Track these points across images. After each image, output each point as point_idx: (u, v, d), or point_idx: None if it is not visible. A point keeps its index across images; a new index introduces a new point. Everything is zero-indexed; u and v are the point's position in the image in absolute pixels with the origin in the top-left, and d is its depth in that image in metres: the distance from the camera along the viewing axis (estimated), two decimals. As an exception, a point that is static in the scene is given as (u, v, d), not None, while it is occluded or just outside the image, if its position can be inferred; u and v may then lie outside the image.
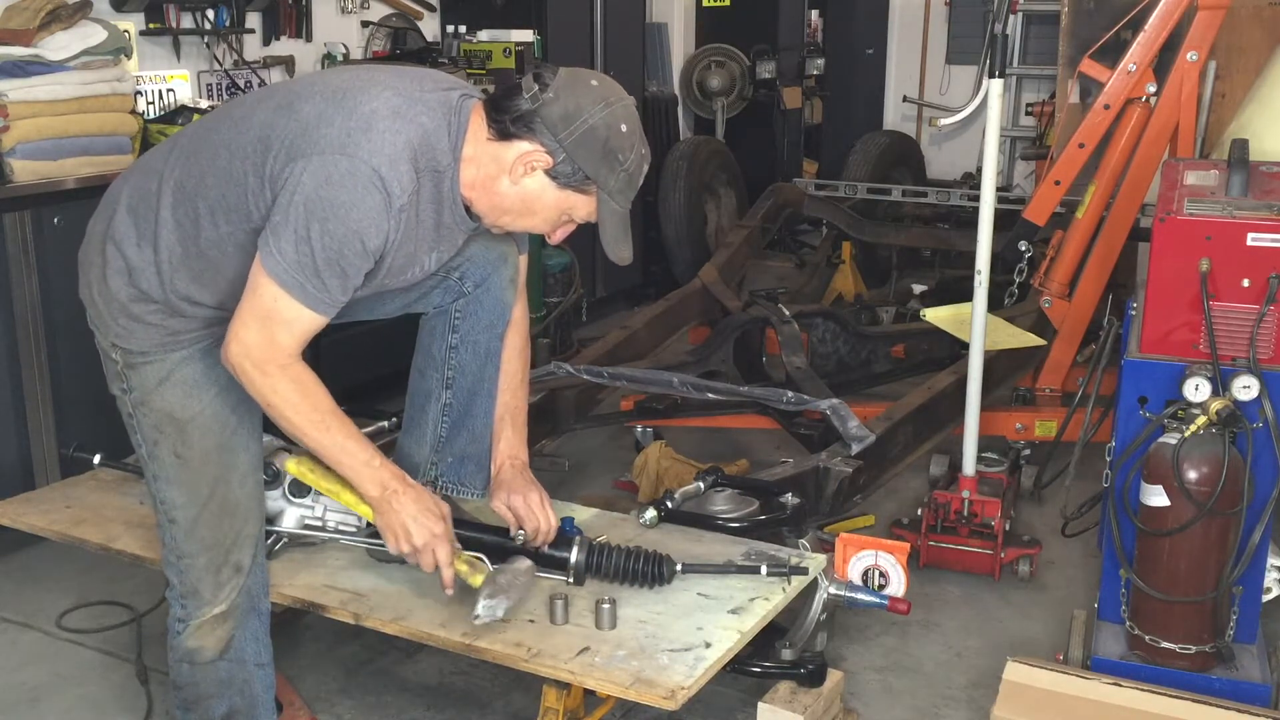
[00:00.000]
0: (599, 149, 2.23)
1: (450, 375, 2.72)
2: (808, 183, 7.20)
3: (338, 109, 2.18)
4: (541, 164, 2.25)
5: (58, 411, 3.90)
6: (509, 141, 2.26)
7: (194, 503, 2.40)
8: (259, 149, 2.19)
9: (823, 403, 3.77)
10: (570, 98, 2.23)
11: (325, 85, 2.26)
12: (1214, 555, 2.79)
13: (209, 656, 2.48)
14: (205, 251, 2.27)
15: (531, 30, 6.13)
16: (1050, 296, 4.46)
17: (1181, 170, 3.21)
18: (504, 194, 2.30)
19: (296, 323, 2.20)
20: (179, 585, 2.47)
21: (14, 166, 3.79)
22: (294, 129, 2.17)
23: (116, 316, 2.33)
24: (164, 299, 2.30)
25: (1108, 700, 2.64)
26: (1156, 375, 2.86)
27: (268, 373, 2.22)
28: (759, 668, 2.74)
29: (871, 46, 9.29)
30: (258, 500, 2.49)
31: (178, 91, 4.84)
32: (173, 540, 2.44)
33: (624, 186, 2.30)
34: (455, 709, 3.09)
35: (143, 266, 2.29)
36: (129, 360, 2.36)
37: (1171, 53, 4.12)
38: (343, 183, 2.12)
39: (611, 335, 4.83)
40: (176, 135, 2.42)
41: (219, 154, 2.24)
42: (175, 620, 2.49)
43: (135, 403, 2.38)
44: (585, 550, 2.64)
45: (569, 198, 2.30)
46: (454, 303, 2.67)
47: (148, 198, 2.29)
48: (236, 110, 2.32)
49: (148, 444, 2.40)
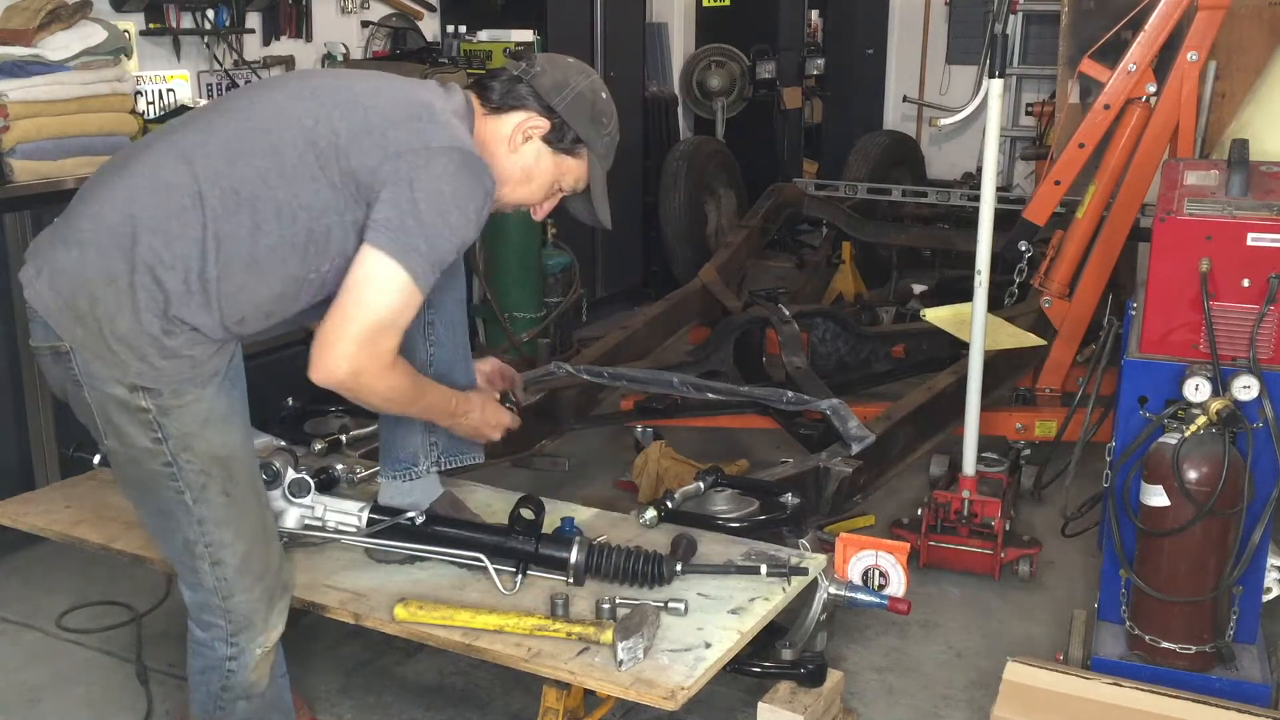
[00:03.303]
0: (588, 112, 2.41)
1: (431, 352, 2.73)
2: (808, 183, 7.20)
3: (416, 104, 2.27)
4: (539, 129, 2.40)
5: (58, 411, 3.89)
6: (505, 114, 2.40)
7: (244, 537, 2.32)
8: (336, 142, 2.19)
9: (823, 403, 3.77)
10: (557, 70, 2.43)
11: (369, 83, 2.32)
12: (1214, 555, 2.79)
13: (264, 686, 2.44)
14: (260, 258, 2.18)
15: (531, 30, 6.13)
16: (1050, 296, 4.46)
17: (1181, 170, 3.21)
18: (505, 165, 2.39)
19: (406, 322, 2.24)
20: (228, 625, 2.35)
21: (14, 166, 3.79)
22: (378, 123, 2.21)
23: (146, 354, 2.15)
24: (207, 322, 2.17)
25: (1108, 700, 2.64)
26: (1156, 375, 2.86)
27: (383, 377, 2.26)
28: (759, 668, 2.74)
29: (871, 46, 9.29)
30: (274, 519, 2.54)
31: (178, 91, 4.84)
32: (220, 582, 2.32)
33: (609, 149, 2.47)
34: (455, 709, 3.09)
35: (184, 293, 2.14)
36: (163, 405, 2.19)
37: (1171, 53, 4.12)
38: (458, 174, 2.21)
39: (611, 335, 4.84)
40: (168, 147, 2.22)
41: (281, 153, 2.17)
42: (224, 660, 2.38)
43: (176, 450, 2.22)
44: (585, 550, 2.64)
45: (563, 162, 2.44)
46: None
47: (181, 215, 2.14)
48: (261, 108, 2.25)
49: (193, 490, 2.25)
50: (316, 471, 2.84)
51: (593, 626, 2.46)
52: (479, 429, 2.67)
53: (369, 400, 2.32)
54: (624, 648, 2.36)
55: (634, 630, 2.38)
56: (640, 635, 2.38)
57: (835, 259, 6.68)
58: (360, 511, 2.76)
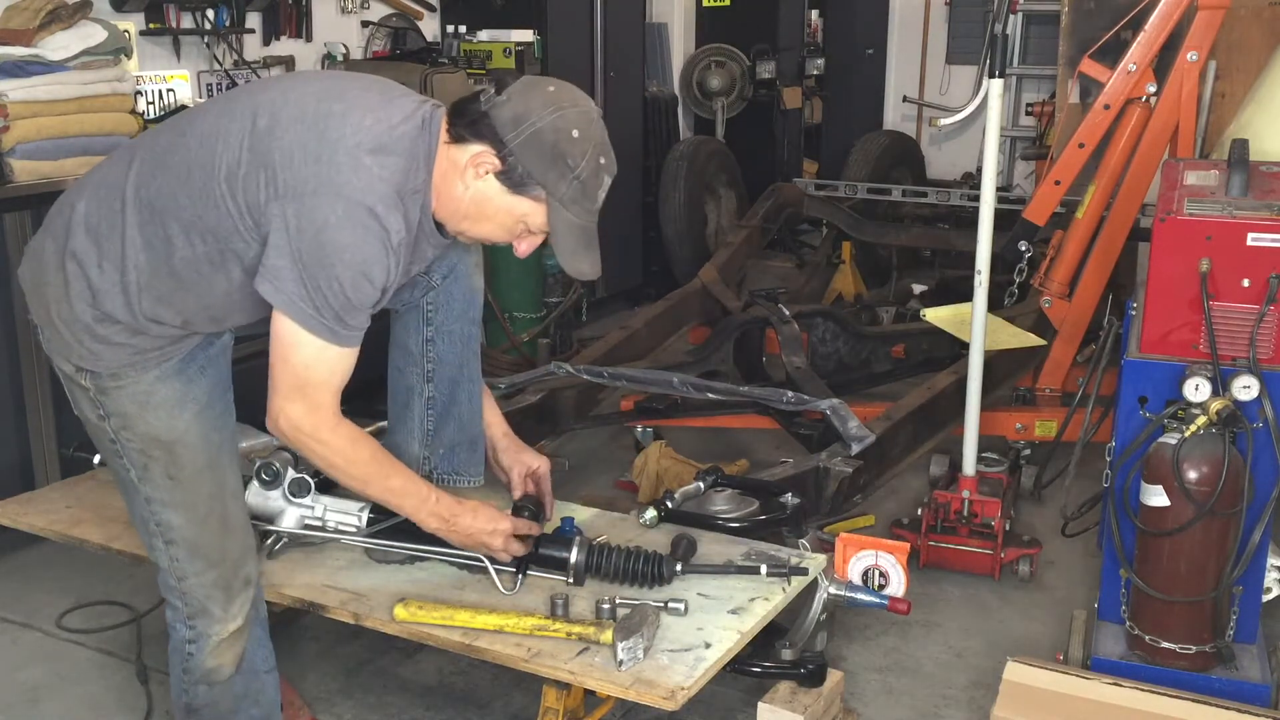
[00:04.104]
0: (547, 152, 2.20)
1: (430, 369, 2.72)
2: (808, 183, 7.20)
3: (321, 141, 2.12)
4: (490, 166, 2.22)
5: (58, 411, 3.89)
6: (463, 145, 2.24)
7: (193, 522, 2.36)
8: (234, 172, 2.13)
9: (823, 403, 3.77)
10: (521, 101, 2.22)
11: (301, 109, 2.17)
12: (1214, 555, 2.79)
13: (227, 674, 2.46)
14: (177, 271, 2.20)
15: (531, 30, 6.13)
16: (1050, 296, 4.46)
17: (1181, 170, 3.21)
18: (458, 198, 2.26)
19: (331, 376, 2.20)
20: (184, 607, 2.42)
21: (14, 166, 3.79)
22: (276, 158, 2.12)
23: (81, 338, 2.25)
24: (129, 320, 2.23)
25: (1108, 700, 2.64)
26: (1156, 375, 2.86)
27: (323, 439, 2.24)
28: (759, 668, 2.74)
29: (871, 46, 9.29)
30: (247, 513, 2.51)
31: (178, 91, 4.84)
32: (173, 562, 2.39)
33: (577, 195, 2.23)
34: (455, 709, 3.09)
35: (107, 288, 2.21)
36: (101, 385, 2.28)
37: (1171, 53, 4.11)
38: (341, 225, 2.09)
39: (611, 335, 4.83)
40: (130, 148, 2.31)
41: (192, 174, 2.16)
42: (184, 643, 2.44)
43: (117, 428, 2.30)
44: (585, 550, 2.64)
45: (520, 203, 2.26)
46: (424, 296, 2.66)
47: (110, 216, 2.21)
48: (200, 124, 2.22)
49: (137, 469, 2.33)
50: (316, 471, 2.83)
51: (593, 626, 2.46)
52: (475, 538, 2.54)
53: (314, 462, 2.30)
54: (624, 648, 2.36)
55: (634, 630, 2.38)
56: (640, 635, 2.38)
57: (835, 259, 6.67)
58: (360, 511, 2.76)
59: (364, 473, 2.34)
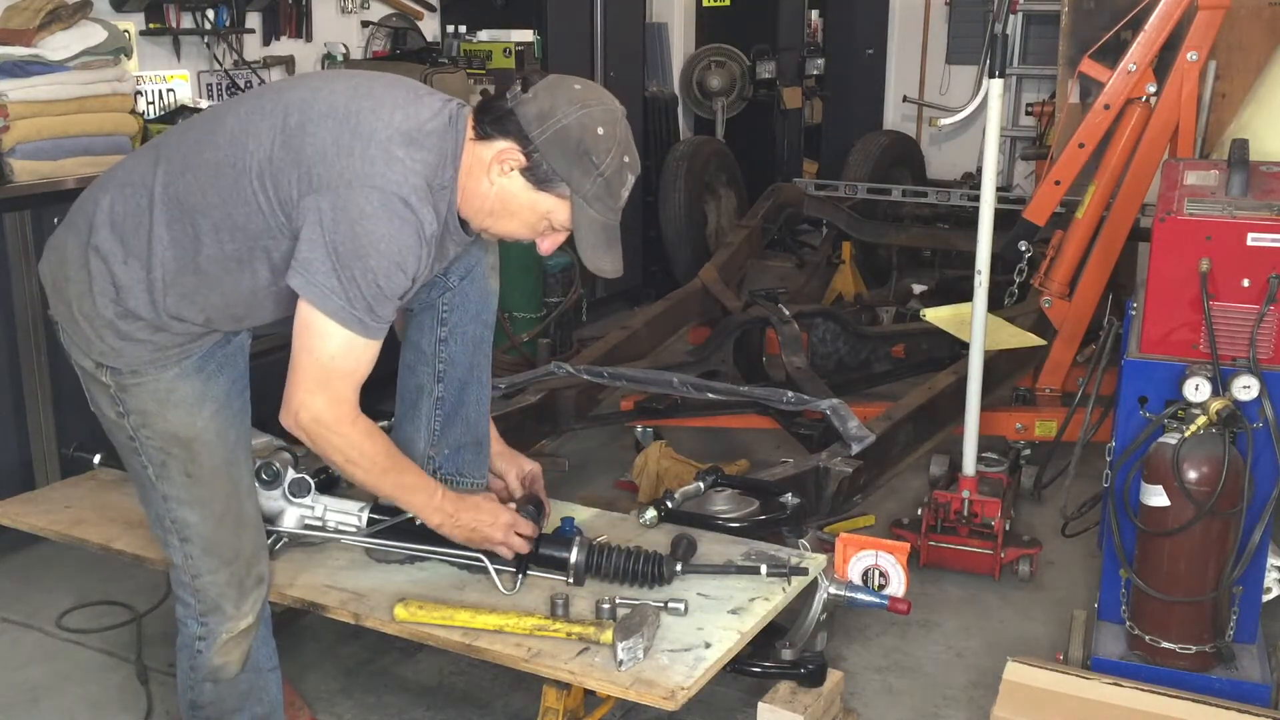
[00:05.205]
0: (571, 149, 2.22)
1: (441, 369, 2.71)
2: (808, 183, 7.20)
3: (354, 136, 2.16)
4: (516, 162, 2.24)
5: (58, 411, 3.90)
6: (489, 141, 2.26)
7: (209, 519, 2.37)
8: (265, 169, 2.16)
9: (823, 403, 3.77)
10: (547, 98, 2.24)
11: (331, 105, 2.20)
12: (1214, 555, 2.79)
13: (233, 671, 2.47)
14: (203, 268, 2.22)
15: (531, 30, 6.13)
16: (1050, 296, 4.46)
17: (1181, 170, 3.21)
18: (484, 194, 2.28)
19: (357, 369, 2.21)
20: (197, 604, 2.43)
21: (14, 166, 3.79)
22: (309, 154, 2.15)
23: (103, 334, 2.26)
24: (152, 316, 2.24)
25: (1108, 700, 2.64)
26: (1156, 375, 2.86)
27: (343, 433, 2.25)
28: (759, 668, 2.74)
29: (871, 46, 9.29)
30: (260, 511, 2.53)
31: (178, 91, 4.85)
32: (188, 559, 2.40)
33: (601, 193, 2.26)
34: (455, 709, 3.09)
35: (131, 284, 2.22)
36: (121, 382, 2.29)
37: (1171, 53, 4.12)
38: (376, 215, 2.12)
39: (611, 335, 4.83)
40: (154, 145, 2.32)
41: (221, 171, 2.18)
42: (194, 639, 2.45)
43: (136, 425, 2.32)
44: (585, 550, 2.64)
45: (544, 200, 2.28)
46: (440, 296, 2.66)
47: (136, 213, 2.22)
48: (229, 122, 2.24)
49: (155, 466, 2.34)
50: (316, 471, 2.83)
51: (593, 626, 2.46)
52: (479, 531, 2.55)
53: (331, 456, 2.30)
54: (624, 648, 2.36)
55: (634, 630, 2.38)
56: (640, 635, 2.38)
57: (835, 259, 6.67)
58: (360, 511, 2.77)
59: (379, 467, 2.35)
